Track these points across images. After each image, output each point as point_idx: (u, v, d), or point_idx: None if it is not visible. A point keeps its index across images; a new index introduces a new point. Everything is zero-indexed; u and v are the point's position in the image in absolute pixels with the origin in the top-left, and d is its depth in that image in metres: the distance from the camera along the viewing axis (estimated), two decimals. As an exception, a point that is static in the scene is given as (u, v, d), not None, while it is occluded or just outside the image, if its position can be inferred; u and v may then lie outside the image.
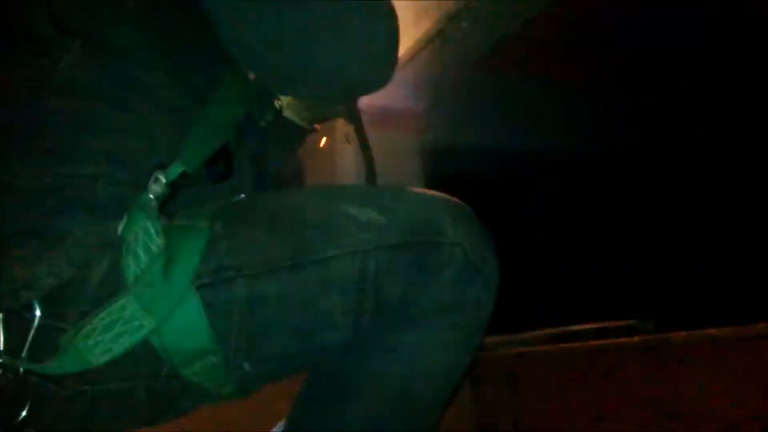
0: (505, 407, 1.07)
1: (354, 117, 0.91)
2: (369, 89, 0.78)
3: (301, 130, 1.03)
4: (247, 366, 0.69)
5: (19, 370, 0.63)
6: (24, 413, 0.64)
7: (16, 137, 0.64)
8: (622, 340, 0.92)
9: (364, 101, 0.96)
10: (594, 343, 0.96)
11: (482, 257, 0.72)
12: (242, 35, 0.67)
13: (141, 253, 0.64)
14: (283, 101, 0.96)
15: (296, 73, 0.69)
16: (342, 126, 1.17)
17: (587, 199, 1.53)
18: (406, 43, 1.06)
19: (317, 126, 1.04)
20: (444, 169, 1.30)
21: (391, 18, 0.71)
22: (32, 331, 0.62)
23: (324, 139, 1.21)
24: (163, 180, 0.66)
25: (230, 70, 0.73)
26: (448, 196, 0.75)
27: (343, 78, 0.71)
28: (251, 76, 0.74)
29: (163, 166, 0.67)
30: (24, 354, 0.62)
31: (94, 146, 0.65)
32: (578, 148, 1.42)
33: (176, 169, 0.67)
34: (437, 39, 1.14)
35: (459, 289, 0.71)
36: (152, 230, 0.64)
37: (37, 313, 0.62)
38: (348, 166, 1.19)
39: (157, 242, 0.64)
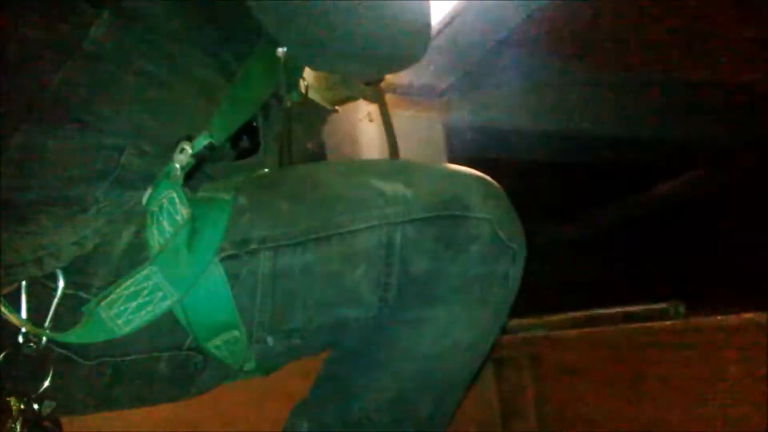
0: (528, 391, 1.05)
1: (378, 96, 0.91)
2: (404, 64, 0.76)
3: (323, 110, 1.03)
4: (270, 340, 0.68)
5: (41, 339, 0.62)
6: (46, 383, 0.63)
7: (42, 105, 0.63)
8: (651, 324, 0.90)
9: (388, 80, 0.95)
10: (621, 327, 0.94)
11: (510, 233, 0.71)
12: (278, 6, 0.66)
13: (165, 224, 0.63)
14: (308, 81, 0.96)
15: (331, 45, 0.68)
16: (364, 106, 1.16)
17: (615, 178, 1.51)
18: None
19: (338, 107, 1.04)
20: (467, 149, 1.29)
21: None
22: (55, 301, 0.62)
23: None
24: (189, 150, 0.65)
25: (260, 46, 0.72)
26: (475, 171, 0.74)
27: (379, 52, 0.70)
28: (284, 49, 0.74)
29: (189, 138, 0.66)
30: (47, 324, 0.62)
31: (120, 117, 0.65)
32: (604, 129, 1.40)
33: (202, 141, 0.66)
34: (461, 15, 1.13)
35: (486, 264, 0.70)
36: (177, 200, 0.64)
37: (61, 282, 0.62)
38: (370, 146, 1.18)
39: (182, 213, 0.64)
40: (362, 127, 1.19)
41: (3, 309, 0.60)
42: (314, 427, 0.77)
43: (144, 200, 0.64)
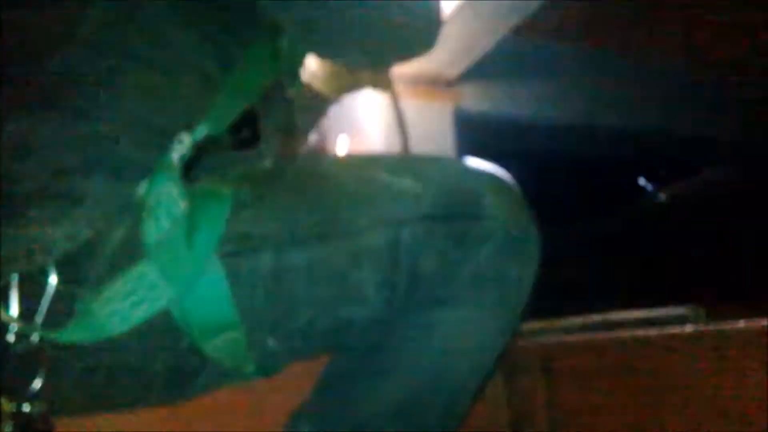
0: (539, 396, 1.03)
1: (387, 85, 0.89)
2: (414, 54, 0.74)
3: (327, 100, 1.00)
4: (271, 342, 0.66)
5: (33, 337, 0.60)
6: (37, 383, 0.61)
7: (36, 92, 0.61)
8: (669, 329, 0.87)
9: (396, 69, 0.92)
10: (637, 332, 0.91)
11: (523, 232, 0.69)
12: None
13: (163, 218, 0.61)
14: (312, 71, 0.93)
15: (337, 33, 0.66)
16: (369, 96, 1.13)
17: (632, 172, 1.47)
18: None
19: (343, 97, 1.01)
20: (477, 139, 1.26)
21: None
22: (47, 297, 0.60)
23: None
24: (188, 140, 0.63)
25: (262, 33, 0.70)
26: (489, 167, 0.72)
27: (388, 41, 0.68)
28: (287, 35, 0.71)
29: (188, 128, 0.64)
30: (39, 321, 0.60)
31: (117, 105, 0.62)
32: (619, 121, 1.37)
33: (201, 131, 0.64)
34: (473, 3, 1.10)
35: (498, 264, 0.68)
36: (175, 194, 0.61)
37: (53, 277, 0.59)
38: (378, 137, 1.16)
39: (180, 207, 0.61)
40: (369, 117, 1.16)
41: (-8, 305, 0.58)
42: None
43: (140, 193, 0.62)
